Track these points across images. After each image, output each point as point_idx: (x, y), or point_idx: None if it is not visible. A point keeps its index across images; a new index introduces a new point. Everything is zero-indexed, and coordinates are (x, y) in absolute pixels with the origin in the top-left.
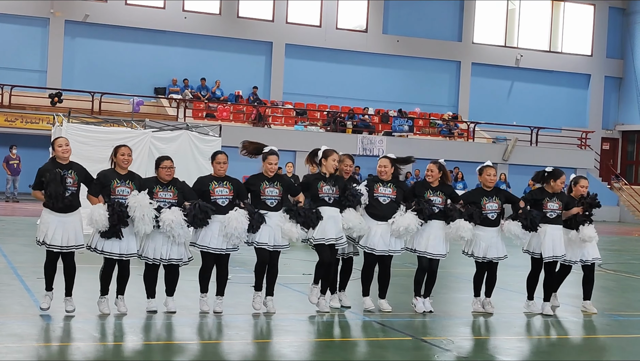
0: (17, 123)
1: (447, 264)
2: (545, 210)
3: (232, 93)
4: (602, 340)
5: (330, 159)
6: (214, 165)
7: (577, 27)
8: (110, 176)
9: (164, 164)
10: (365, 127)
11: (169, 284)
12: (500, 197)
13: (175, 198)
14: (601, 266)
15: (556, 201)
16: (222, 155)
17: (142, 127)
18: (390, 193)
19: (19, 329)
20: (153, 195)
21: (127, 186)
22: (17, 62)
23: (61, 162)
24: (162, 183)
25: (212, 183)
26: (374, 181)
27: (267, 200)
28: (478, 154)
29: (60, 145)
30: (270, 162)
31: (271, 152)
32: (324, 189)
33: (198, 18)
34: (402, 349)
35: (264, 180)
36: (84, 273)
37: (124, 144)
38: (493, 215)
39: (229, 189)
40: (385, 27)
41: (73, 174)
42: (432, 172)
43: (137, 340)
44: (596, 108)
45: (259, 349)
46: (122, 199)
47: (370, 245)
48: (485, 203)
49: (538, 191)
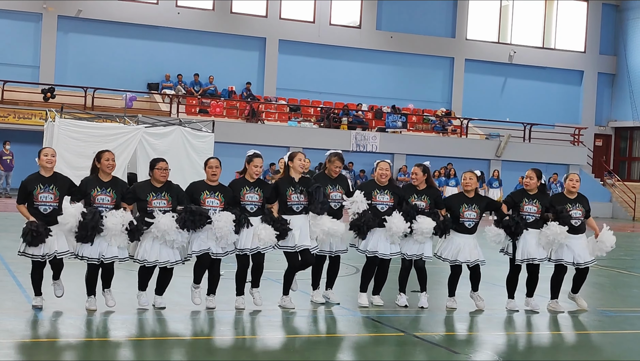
0: (9, 119)
1: (439, 261)
2: (522, 213)
3: (226, 89)
4: (595, 336)
5: (296, 159)
6: (206, 170)
7: (570, 23)
8: (90, 185)
9: (159, 165)
10: (359, 123)
11: (161, 284)
12: (480, 205)
13: (169, 205)
14: None
15: (535, 203)
16: (213, 160)
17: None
18: (388, 200)
19: (10, 325)
20: (147, 203)
21: (107, 195)
22: (10, 57)
23: (44, 175)
24: (155, 188)
25: (204, 192)
26: (370, 187)
27: (247, 206)
28: (471, 150)
29: (46, 154)
30: (255, 165)
31: (255, 155)
32: (292, 197)
33: (191, 14)
34: (394, 344)
35: (244, 185)
36: (74, 269)
37: (107, 150)
38: (470, 224)
39: (219, 200)
40: (378, 23)
41: (54, 190)
42: (416, 175)
43: (128, 335)
44: (589, 104)
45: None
46: (101, 207)
47: (371, 249)
48: (463, 210)
49: (518, 193)
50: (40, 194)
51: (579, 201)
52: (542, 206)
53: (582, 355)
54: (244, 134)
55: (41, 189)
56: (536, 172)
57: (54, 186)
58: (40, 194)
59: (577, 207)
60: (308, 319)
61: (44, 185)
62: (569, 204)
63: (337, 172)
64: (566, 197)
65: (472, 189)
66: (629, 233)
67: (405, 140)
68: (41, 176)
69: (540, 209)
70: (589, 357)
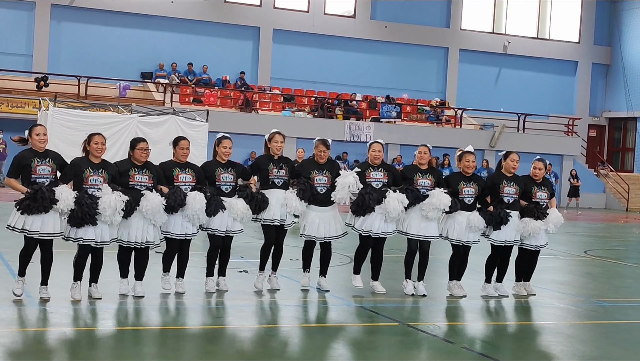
0: (2, 108)
1: (436, 250)
2: (502, 194)
3: (220, 78)
4: (589, 325)
5: (273, 141)
6: (177, 150)
7: (565, 14)
8: (83, 165)
9: (140, 145)
10: (353, 114)
11: (139, 268)
12: (478, 183)
13: (150, 181)
14: (587, 252)
15: (513, 185)
16: (184, 141)
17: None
18: (382, 177)
19: (4, 314)
20: (129, 178)
21: (100, 176)
22: (3, 46)
23: (37, 151)
24: (137, 165)
25: (176, 169)
26: (364, 167)
27: (222, 186)
28: (465, 140)
29: (38, 134)
30: (224, 147)
31: (224, 137)
32: (273, 172)
33: (185, 3)
34: (389, 334)
35: (218, 166)
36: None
37: (97, 133)
38: (469, 199)
39: (191, 176)
40: (373, 12)
41: (51, 162)
42: (424, 154)
43: (118, 325)
44: (583, 95)
45: (245, 334)
46: (93, 188)
47: (366, 228)
48: (462, 187)
49: (496, 175)
50: (39, 166)
51: (544, 184)
52: (519, 188)
53: (576, 344)
54: (238, 124)
55: (38, 162)
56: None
57: (49, 159)
58: (39, 167)
59: (543, 189)
60: (301, 308)
61: (40, 159)
62: (535, 187)
63: (322, 157)
64: (533, 180)
65: (471, 172)
66: (622, 224)
67: (400, 130)
68: (34, 151)
69: (518, 190)
70: (583, 347)
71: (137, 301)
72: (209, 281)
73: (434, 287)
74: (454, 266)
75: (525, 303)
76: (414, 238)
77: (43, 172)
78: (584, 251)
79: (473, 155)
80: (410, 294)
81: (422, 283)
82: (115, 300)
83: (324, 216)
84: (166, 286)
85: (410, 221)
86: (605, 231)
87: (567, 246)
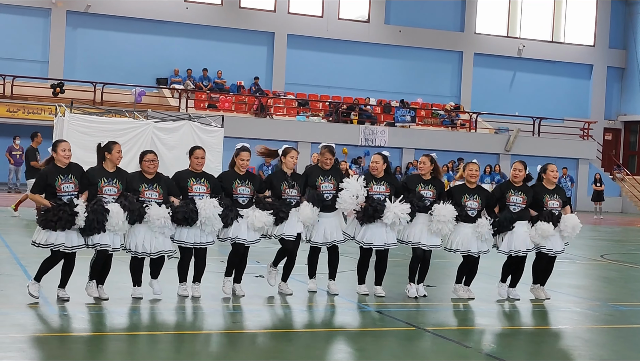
0: (19, 114)
1: (448, 255)
2: (509, 203)
3: (234, 84)
4: (605, 329)
5: (288, 156)
6: (192, 160)
7: (580, 17)
8: (97, 176)
9: (147, 157)
10: (368, 118)
11: (154, 269)
12: (481, 196)
13: (160, 197)
14: (604, 257)
15: (520, 194)
16: (199, 150)
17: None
18: (384, 190)
19: (22, 319)
20: (139, 193)
21: (114, 186)
22: (19, 52)
23: (61, 167)
24: (147, 179)
25: (191, 179)
26: (367, 179)
27: (238, 198)
28: (480, 144)
29: (64, 149)
30: (242, 159)
31: (243, 148)
32: (286, 191)
33: (200, 8)
34: (400, 338)
35: (235, 178)
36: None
37: (116, 142)
38: (472, 212)
39: (206, 186)
40: (387, 17)
41: (73, 178)
42: (424, 164)
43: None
44: (598, 98)
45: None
46: (107, 198)
47: (367, 240)
48: (465, 200)
49: (505, 184)
50: (63, 184)
51: (556, 192)
52: (527, 197)
53: (593, 348)
54: (253, 129)
55: (62, 180)
56: (523, 164)
57: (72, 176)
58: (63, 185)
59: (555, 198)
60: (310, 311)
61: (64, 176)
62: (548, 195)
63: (328, 164)
64: (545, 188)
65: (475, 180)
66: (639, 228)
67: (414, 134)
68: (58, 167)
69: (525, 199)
70: (600, 351)
71: (152, 306)
72: (227, 281)
73: (447, 292)
74: (463, 272)
75: (542, 307)
76: (417, 247)
77: (67, 189)
78: (600, 255)
79: (476, 165)
80: (414, 297)
81: (422, 285)
82: (128, 303)
83: (329, 221)
84: (183, 293)
85: (413, 231)
86: (621, 235)
87: (583, 250)
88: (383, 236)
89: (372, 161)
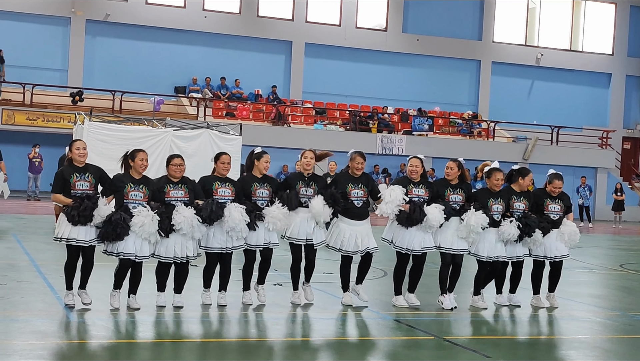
0: (38, 122)
1: (468, 264)
2: (512, 210)
3: (252, 92)
4: (625, 340)
5: (302, 157)
6: (218, 165)
7: (598, 25)
8: (124, 181)
9: (174, 161)
10: (385, 127)
11: (179, 282)
12: (505, 198)
13: (186, 195)
14: (623, 266)
15: (522, 200)
16: (225, 156)
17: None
18: (424, 193)
19: (42, 326)
20: (165, 194)
21: (140, 191)
22: (39, 61)
23: (77, 165)
24: (173, 181)
25: (216, 182)
26: (404, 182)
27: (257, 201)
28: (498, 153)
29: (78, 148)
30: (266, 161)
31: (264, 152)
32: (301, 191)
33: (218, 17)
34: (426, 348)
35: (254, 181)
36: (103, 270)
37: (141, 149)
38: (497, 216)
39: (231, 190)
40: (405, 26)
41: (90, 177)
42: (451, 170)
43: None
44: (617, 107)
45: (280, 347)
46: (134, 203)
47: (407, 245)
48: (492, 204)
49: (505, 190)
50: (77, 182)
51: (559, 197)
52: (528, 203)
53: (613, 358)
54: (271, 137)
55: (77, 177)
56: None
57: (89, 174)
58: (78, 182)
59: (557, 202)
60: (336, 321)
61: (80, 174)
62: (549, 199)
63: (359, 169)
64: (547, 193)
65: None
66: None
67: (432, 143)
68: (75, 166)
69: (527, 205)
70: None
71: (176, 314)
72: (246, 294)
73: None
74: (479, 282)
75: (561, 317)
76: (447, 252)
77: (81, 187)
78: (619, 264)
79: (502, 172)
80: (450, 309)
81: (452, 294)
82: (153, 312)
83: (360, 230)
84: (207, 301)
85: (442, 235)
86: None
87: (602, 260)
88: (421, 240)
89: (411, 165)
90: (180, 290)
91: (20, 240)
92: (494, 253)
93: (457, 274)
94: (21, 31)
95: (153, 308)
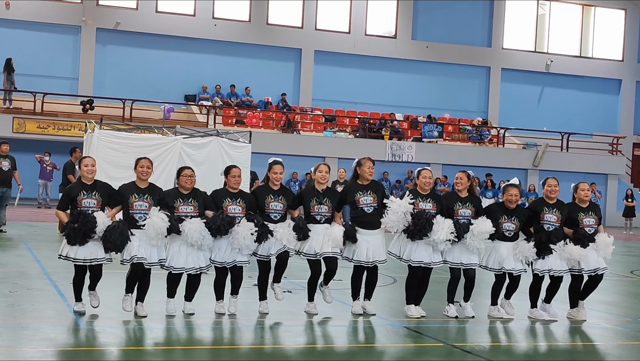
0: (49, 130)
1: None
2: (543, 222)
3: (262, 100)
4: (637, 346)
5: (317, 171)
6: (229, 178)
7: (608, 32)
8: (128, 192)
9: (185, 172)
10: (395, 133)
11: (190, 292)
12: (519, 216)
13: (196, 210)
14: (634, 273)
15: (555, 212)
16: (235, 169)
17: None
18: (431, 208)
19: (52, 333)
20: (174, 210)
21: (145, 201)
22: (50, 69)
23: (85, 183)
24: (182, 194)
25: (227, 199)
26: (414, 196)
27: (271, 214)
28: (508, 160)
29: (86, 165)
30: (275, 172)
31: (275, 162)
32: (315, 208)
33: (228, 25)
34: (434, 355)
35: (269, 193)
36: (113, 278)
37: (144, 157)
38: (510, 233)
39: (241, 207)
40: (414, 33)
41: (97, 195)
42: (461, 180)
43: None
44: (627, 113)
45: (288, 353)
46: (139, 213)
47: (416, 258)
48: (503, 221)
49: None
50: (84, 200)
51: (591, 209)
52: (561, 215)
53: None
54: (280, 145)
55: (84, 195)
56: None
57: (96, 192)
58: (84, 200)
59: (591, 215)
60: (347, 329)
61: (87, 191)
62: (582, 213)
63: (370, 173)
64: (579, 206)
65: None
66: None
67: (442, 150)
68: (83, 183)
69: (560, 218)
70: None
71: (187, 321)
72: (263, 303)
73: (478, 308)
74: (497, 293)
75: (573, 324)
76: (455, 267)
77: (88, 205)
78: (630, 271)
79: (517, 188)
80: (454, 317)
81: (469, 303)
82: (162, 319)
83: (372, 240)
84: (220, 310)
85: (451, 251)
86: None
87: (613, 267)
88: (430, 255)
89: (424, 176)
90: (191, 299)
91: (31, 248)
92: (507, 266)
93: (471, 285)
94: (32, 40)
95: (163, 315)
